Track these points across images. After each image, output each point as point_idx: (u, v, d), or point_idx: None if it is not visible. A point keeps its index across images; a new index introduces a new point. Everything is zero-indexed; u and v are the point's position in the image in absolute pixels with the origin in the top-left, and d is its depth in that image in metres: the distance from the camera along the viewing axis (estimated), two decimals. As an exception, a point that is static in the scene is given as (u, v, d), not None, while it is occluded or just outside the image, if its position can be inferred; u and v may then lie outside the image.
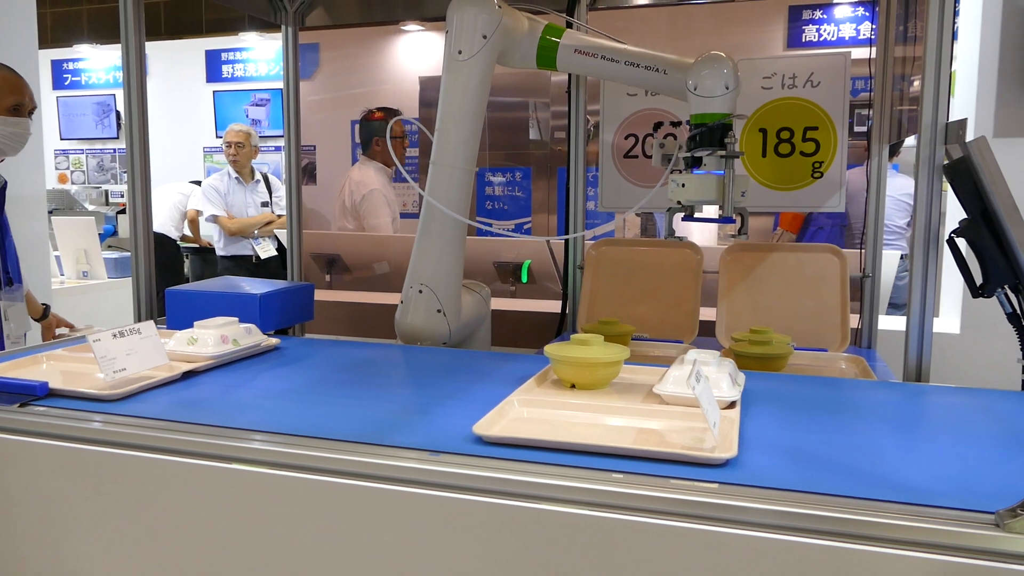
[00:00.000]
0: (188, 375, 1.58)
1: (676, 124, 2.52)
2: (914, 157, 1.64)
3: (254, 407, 1.39)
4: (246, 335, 1.76)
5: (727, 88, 1.84)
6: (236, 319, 1.78)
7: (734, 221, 1.86)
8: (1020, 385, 1.61)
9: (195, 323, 1.72)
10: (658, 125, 2.56)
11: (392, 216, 4.45)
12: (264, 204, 5.53)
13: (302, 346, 1.92)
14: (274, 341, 1.86)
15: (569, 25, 2.41)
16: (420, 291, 2.00)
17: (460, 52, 1.94)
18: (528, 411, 1.36)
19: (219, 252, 5.42)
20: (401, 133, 4.84)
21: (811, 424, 1.30)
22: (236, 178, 5.34)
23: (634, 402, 1.39)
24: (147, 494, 1.23)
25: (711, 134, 1.84)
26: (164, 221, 6.70)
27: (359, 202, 4.37)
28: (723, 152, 1.84)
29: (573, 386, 1.48)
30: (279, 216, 5.49)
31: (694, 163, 1.89)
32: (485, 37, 1.93)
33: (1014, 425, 1.32)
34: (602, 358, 1.46)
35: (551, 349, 1.49)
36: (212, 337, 1.67)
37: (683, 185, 1.85)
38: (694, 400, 1.29)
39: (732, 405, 1.33)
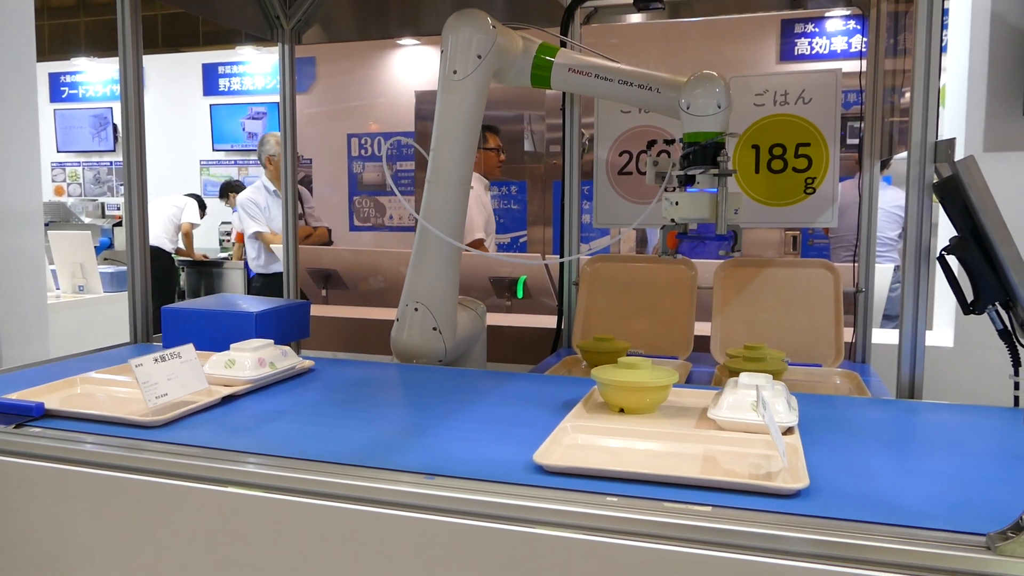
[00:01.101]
0: (227, 399, 1.55)
1: (669, 142, 2.54)
2: (905, 168, 1.65)
3: (303, 435, 1.35)
4: (282, 357, 1.73)
5: (719, 107, 1.86)
6: (271, 341, 1.75)
7: (728, 239, 1.87)
8: (1012, 400, 1.62)
9: (231, 346, 1.69)
10: (652, 142, 2.58)
11: (485, 226, 4.30)
12: (299, 216, 5.36)
13: (335, 367, 1.89)
14: (308, 363, 1.83)
15: (563, 44, 2.43)
16: (416, 309, 2.00)
17: (455, 72, 1.96)
18: (582, 438, 1.32)
19: (257, 270, 5.13)
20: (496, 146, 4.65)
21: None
22: (274, 191, 5.02)
23: (687, 427, 1.35)
24: (177, 521, 1.20)
25: (704, 152, 1.85)
26: (159, 233, 6.71)
27: None
28: (716, 170, 1.85)
29: (621, 410, 1.44)
30: (316, 228, 5.31)
31: (687, 181, 1.90)
32: (480, 57, 1.95)
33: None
34: (652, 382, 1.42)
35: (598, 373, 1.46)
36: (250, 360, 1.65)
37: (677, 203, 1.87)
38: (751, 426, 1.28)
39: (790, 430, 1.30)
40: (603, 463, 1.17)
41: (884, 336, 2.62)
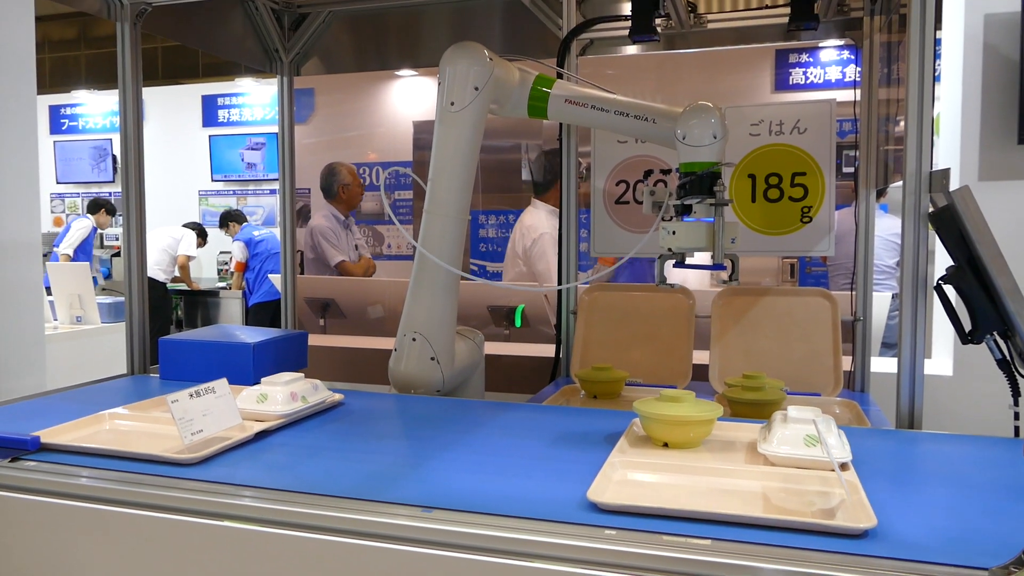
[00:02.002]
0: (260, 434, 1.53)
1: (666, 171, 2.55)
2: (901, 197, 1.66)
3: (345, 473, 1.32)
4: (313, 391, 1.72)
5: (715, 137, 1.87)
6: (301, 375, 1.73)
7: (725, 268, 1.88)
8: (1013, 431, 1.61)
9: (263, 380, 1.67)
10: (648, 172, 2.59)
11: None
12: (356, 246, 5.15)
13: (365, 400, 1.87)
14: (338, 396, 1.81)
15: (560, 75, 2.45)
16: (414, 339, 2.00)
17: (452, 103, 1.97)
18: (631, 474, 1.30)
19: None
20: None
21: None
22: (344, 220, 4.89)
23: (737, 463, 1.34)
24: (215, 561, 1.18)
25: (700, 182, 1.86)
26: (152, 264, 6.72)
27: (529, 247, 4.10)
28: (712, 200, 1.86)
29: (665, 444, 1.42)
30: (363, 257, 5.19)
31: (684, 211, 1.91)
32: (477, 89, 1.97)
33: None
34: (697, 416, 1.40)
35: (642, 406, 1.43)
36: (282, 394, 1.63)
37: (674, 233, 1.87)
38: (805, 461, 1.26)
39: (844, 466, 1.27)
40: (658, 501, 1.15)
41: (883, 365, 2.61)
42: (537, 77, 2.11)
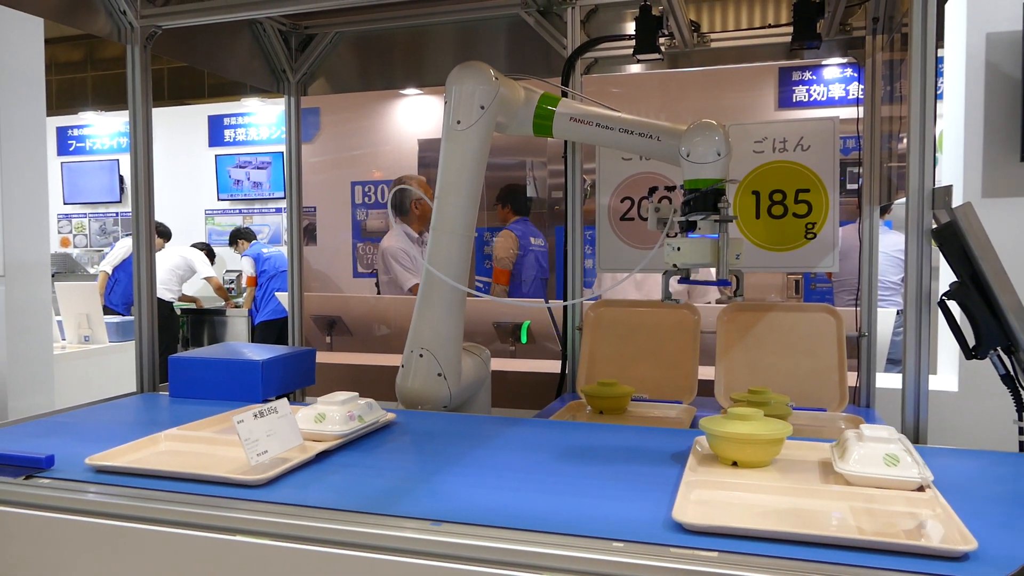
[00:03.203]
0: (320, 455, 1.51)
1: (671, 188, 2.57)
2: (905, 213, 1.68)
3: (416, 493, 1.32)
4: (368, 410, 1.71)
5: (719, 154, 1.89)
6: (356, 394, 1.73)
7: (730, 283, 1.89)
8: (1018, 445, 1.61)
9: (319, 399, 1.67)
10: (653, 189, 2.61)
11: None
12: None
13: (415, 419, 1.87)
14: (391, 416, 1.81)
15: (564, 94, 2.48)
16: (421, 355, 2.01)
17: (459, 122, 2.00)
18: (708, 493, 1.28)
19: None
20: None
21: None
22: (418, 238, 4.66)
23: (813, 482, 1.32)
24: None
25: (704, 199, 1.88)
26: (158, 284, 6.74)
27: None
28: (717, 216, 1.87)
29: (734, 463, 1.39)
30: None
31: (689, 227, 1.93)
32: (483, 108, 1.99)
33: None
34: (768, 434, 1.37)
35: (710, 424, 1.41)
36: (339, 414, 1.62)
37: (679, 249, 1.88)
38: (885, 481, 1.23)
39: (922, 488, 1.24)
40: (746, 521, 1.13)
41: (889, 380, 2.61)
42: (542, 96, 2.13)
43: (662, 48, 2.42)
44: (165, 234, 7.15)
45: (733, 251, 1.88)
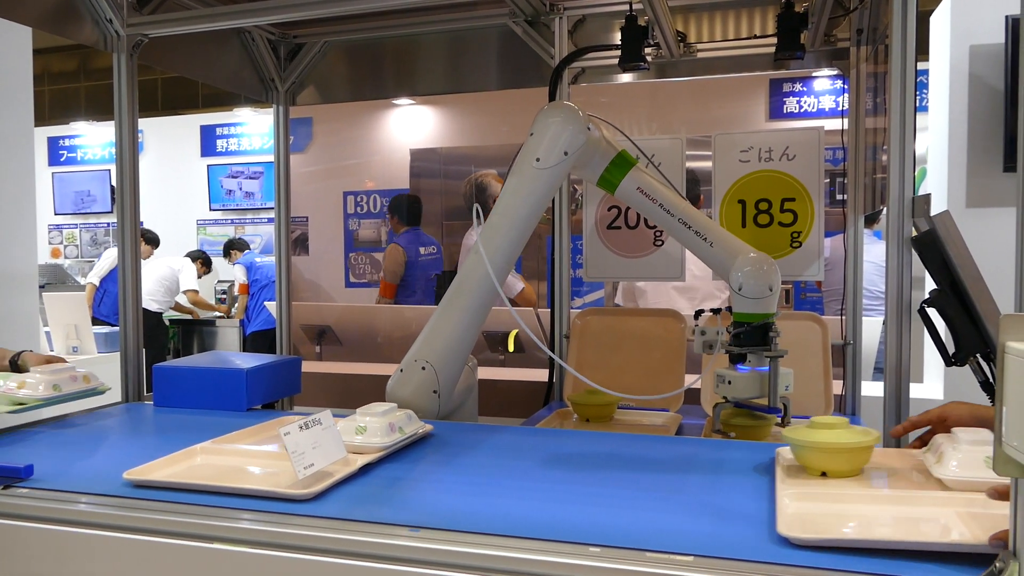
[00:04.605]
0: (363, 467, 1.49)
1: (716, 311, 2.40)
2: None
3: (471, 506, 1.29)
4: (408, 422, 1.68)
5: (770, 290, 1.88)
6: (395, 404, 1.70)
7: (780, 412, 1.89)
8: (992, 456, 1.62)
9: (357, 411, 1.63)
10: (700, 312, 2.53)
11: None
12: None
13: (456, 432, 1.83)
14: (428, 427, 1.76)
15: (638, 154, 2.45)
16: (423, 367, 1.97)
17: (538, 160, 1.94)
18: (805, 505, 1.24)
19: None
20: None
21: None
22: None
23: (909, 488, 1.30)
24: None
25: (754, 333, 1.88)
26: (144, 294, 6.70)
27: None
28: (768, 352, 1.88)
29: (823, 474, 1.36)
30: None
31: (738, 358, 1.92)
32: (566, 154, 1.94)
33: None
34: (859, 442, 1.34)
35: (794, 435, 1.38)
36: (380, 426, 1.58)
37: (730, 383, 1.89)
38: (983, 484, 1.18)
39: None
40: (861, 533, 1.11)
41: (874, 389, 2.62)
42: (619, 154, 2.04)
43: (648, 58, 2.43)
44: (153, 240, 7.10)
45: (783, 383, 1.90)
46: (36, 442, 1.74)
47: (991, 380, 1.51)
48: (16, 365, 2.07)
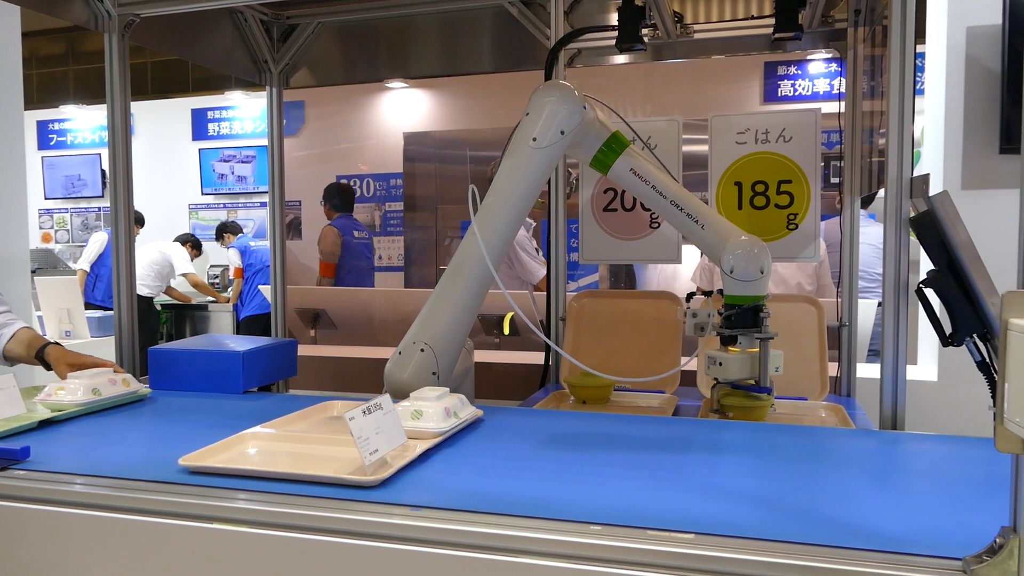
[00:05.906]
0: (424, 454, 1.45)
1: (707, 293, 2.30)
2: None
3: (539, 490, 1.25)
4: (461, 406, 1.66)
5: (761, 272, 1.89)
6: (447, 388, 1.68)
7: (771, 391, 1.91)
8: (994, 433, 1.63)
9: (411, 395, 1.61)
10: (691, 295, 2.51)
11: None
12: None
13: (504, 416, 1.81)
14: (479, 412, 1.73)
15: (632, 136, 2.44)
16: (422, 349, 1.96)
17: (535, 139, 1.93)
18: None
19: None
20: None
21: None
22: (530, 224, 4.29)
23: None
24: None
25: (745, 315, 1.89)
26: (137, 279, 6.66)
27: None
28: (759, 334, 1.89)
29: None
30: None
31: (730, 340, 1.94)
32: (563, 133, 1.93)
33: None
34: None
35: None
36: (437, 411, 1.56)
37: (720, 364, 1.90)
38: None
39: None
40: None
41: (870, 370, 2.63)
42: (613, 135, 2.04)
43: (645, 39, 2.42)
44: (139, 220, 7.05)
45: (773, 364, 1.91)
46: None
47: (988, 360, 1.51)
48: (42, 359, 2.07)
